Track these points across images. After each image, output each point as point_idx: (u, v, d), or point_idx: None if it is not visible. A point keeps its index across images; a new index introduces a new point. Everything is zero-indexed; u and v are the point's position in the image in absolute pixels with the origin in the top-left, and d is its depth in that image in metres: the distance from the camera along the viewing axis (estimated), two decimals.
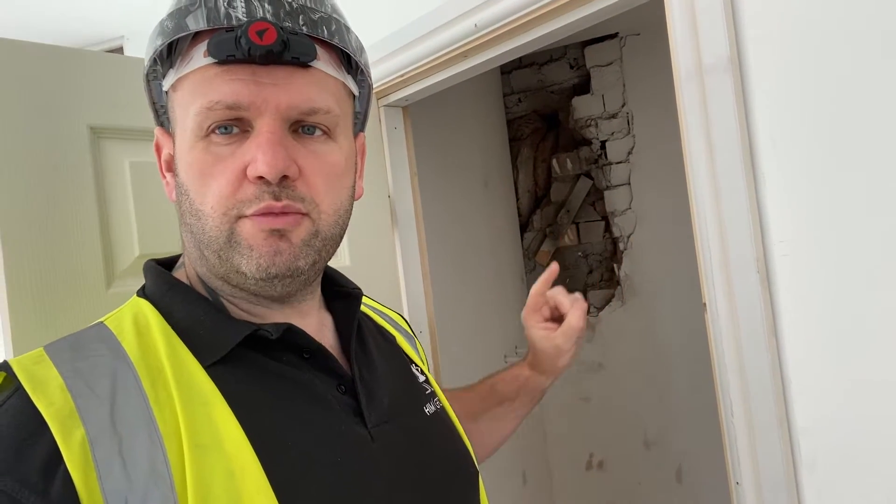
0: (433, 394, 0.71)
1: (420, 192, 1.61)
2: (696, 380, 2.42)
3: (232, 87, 0.53)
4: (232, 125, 0.54)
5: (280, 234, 0.54)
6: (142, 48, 0.58)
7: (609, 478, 2.67)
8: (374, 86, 1.49)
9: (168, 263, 0.64)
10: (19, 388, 0.48)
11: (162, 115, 0.62)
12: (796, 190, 0.86)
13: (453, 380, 2.01)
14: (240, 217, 0.54)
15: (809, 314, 0.86)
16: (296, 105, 0.54)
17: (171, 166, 0.61)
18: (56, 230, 0.95)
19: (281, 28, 0.52)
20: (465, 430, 0.72)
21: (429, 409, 0.68)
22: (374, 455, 0.57)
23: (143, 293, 0.60)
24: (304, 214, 0.55)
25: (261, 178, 0.53)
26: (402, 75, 1.41)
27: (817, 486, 0.86)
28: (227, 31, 0.52)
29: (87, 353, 0.52)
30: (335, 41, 0.57)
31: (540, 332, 0.91)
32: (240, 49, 0.51)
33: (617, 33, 2.60)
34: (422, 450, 0.63)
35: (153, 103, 0.63)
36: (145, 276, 0.62)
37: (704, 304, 0.95)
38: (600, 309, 2.71)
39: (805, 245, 0.86)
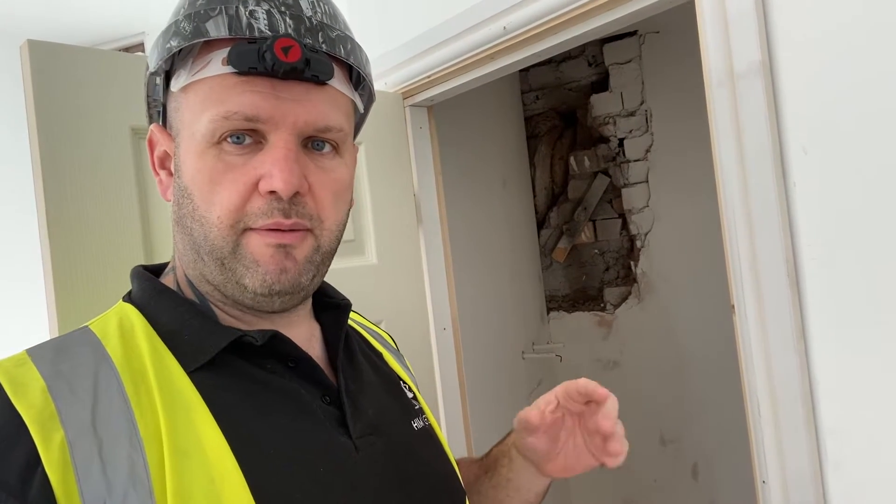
0: (421, 410, 0.70)
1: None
2: (713, 378, 2.43)
3: (251, 98, 0.53)
4: (246, 135, 0.54)
5: (285, 250, 0.55)
6: None
7: (625, 474, 2.69)
8: (401, 87, 1.51)
9: (156, 270, 0.64)
10: None
11: (151, 110, 0.62)
12: (826, 195, 0.87)
13: (474, 378, 2.04)
14: (246, 229, 0.54)
15: (838, 316, 0.87)
16: (312, 122, 0.55)
17: (164, 164, 0.61)
18: (100, 226, 0.98)
19: (303, 45, 0.52)
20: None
21: (417, 423, 0.67)
22: (358, 466, 0.56)
23: (128, 298, 0.60)
24: (308, 230, 0.56)
25: (272, 192, 0.53)
26: (428, 76, 1.43)
27: (844, 485, 0.88)
28: (248, 42, 0.52)
29: (70, 355, 0.51)
30: (350, 60, 0.58)
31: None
32: (263, 63, 0.51)
33: (636, 31, 2.60)
34: (407, 463, 0.61)
35: (147, 97, 0.62)
36: (132, 282, 0.62)
37: (733, 305, 0.96)
38: (617, 306, 2.72)
39: (834, 249, 0.87)
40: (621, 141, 2.68)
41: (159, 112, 0.61)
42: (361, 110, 0.65)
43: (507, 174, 2.61)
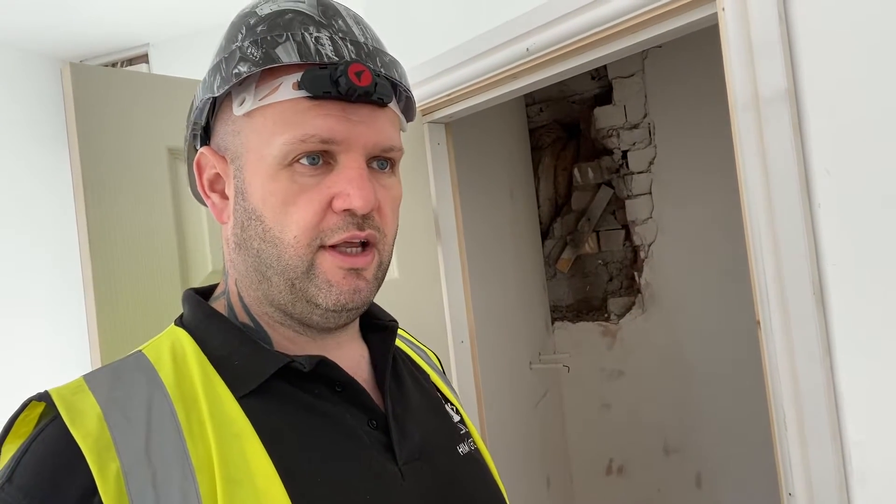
0: (468, 434, 0.70)
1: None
2: (716, 387, 2.47)
3: (326, 122, 0.54)
4: (319, 157, 0.55)
5: (357, 272, 0.56)
6: (167, 57, 0.54)
7: (629, 483, 2.72)
8: (421, 104, 1.53)
9: (206, 293, 0.65)
10: (57, 418, 0.48)
11: (194, 131, 0.62)
12: (850, 215, 0.91)
13: (484, 389, 2.06)
14: (321, 247, 0.55)
15: (863, 333, 0.90)
16: (379, 143, 0.57)
17: (214, 187, 0.61)
18: (139, 243, 1.00)
19: (371, 70, 0.55)
20: None
21: (462, 448, 0.66)
22: (405, 493, 0.56)
23: (180, 322, 0.61)
24: (374, 246, 0.58)
25: (346, 210, 0.55)
26: (449, 94, 1.46)
27: (869, 497, 0.91)
28: (319, 68, 0.54)
29: (124, 382, 0.53)
30: (403, 83, 0.61)
31: None
32: (337, 87, 0.53)
33: None
34: (453, 489, 0.61)
35: (191, 121, 0.62)
36: (183, 306, 0.63)
37: (758, 321, 0.99)
38: (620, 317, 2.76)
39: (858, 267, 0.90)
40: (625, 153, 2.73)
41: (195, 135, 0.62)
42: (405, 129, 0.67)
43: (514, 186, 2.65)
